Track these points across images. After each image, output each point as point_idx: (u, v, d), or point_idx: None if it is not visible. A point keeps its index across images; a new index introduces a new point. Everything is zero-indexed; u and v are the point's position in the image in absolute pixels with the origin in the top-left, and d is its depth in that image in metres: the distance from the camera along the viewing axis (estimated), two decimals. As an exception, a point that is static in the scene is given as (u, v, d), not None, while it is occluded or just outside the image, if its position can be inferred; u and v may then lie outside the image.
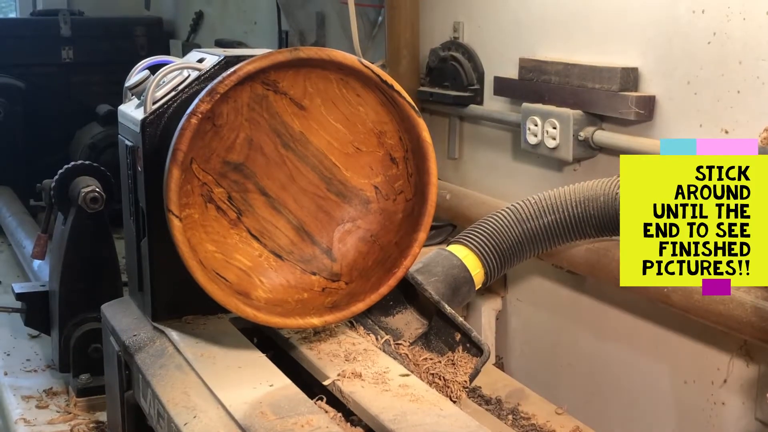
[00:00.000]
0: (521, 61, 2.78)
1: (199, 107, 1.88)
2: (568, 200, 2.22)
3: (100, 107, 5.05)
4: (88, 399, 2.91)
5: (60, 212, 3.03)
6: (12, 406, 2.91)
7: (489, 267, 2.22)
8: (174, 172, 1.88)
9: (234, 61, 2.01)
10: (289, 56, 1.93)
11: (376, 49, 3.57)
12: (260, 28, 4.85)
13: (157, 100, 2.10)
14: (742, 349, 2.24)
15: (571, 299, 2.79)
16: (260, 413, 1.72)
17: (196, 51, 2.29)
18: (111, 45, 5.53)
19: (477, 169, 3.16)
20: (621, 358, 2.63)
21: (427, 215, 2.04)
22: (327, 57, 1.95)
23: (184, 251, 1.90)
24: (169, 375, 1.95)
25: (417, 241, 2.04)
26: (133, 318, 2.23)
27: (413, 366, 2.03)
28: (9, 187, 4.97)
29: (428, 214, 2.04)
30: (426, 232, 2.04)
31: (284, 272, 2.05)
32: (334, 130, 2.06)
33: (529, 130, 2.70)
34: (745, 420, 2.26)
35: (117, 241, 2.91)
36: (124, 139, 2.24)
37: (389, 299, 2.12)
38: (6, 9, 6.82)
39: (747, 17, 2.12)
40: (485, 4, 3.02)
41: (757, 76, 2.11)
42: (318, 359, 1.96)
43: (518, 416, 2.44)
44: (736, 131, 2.17)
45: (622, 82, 2.42)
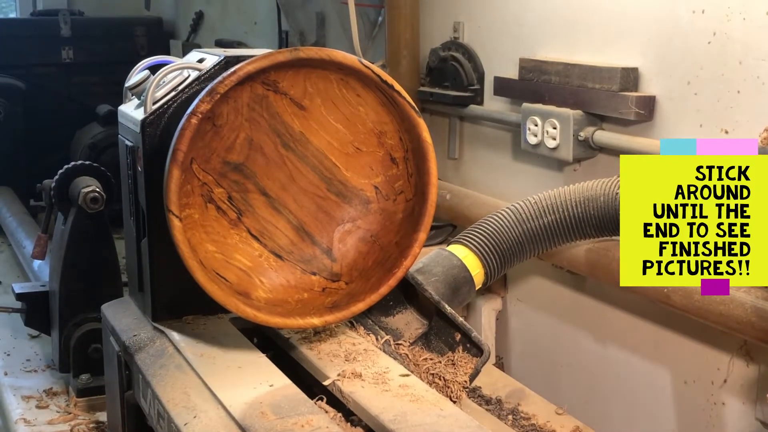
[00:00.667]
0: (521, 61, 2.78)
1: (199, 107, 1.88)
2: (568, 200, 2.22)
3: (100, 107, 5.05)
4: (88, 399, 2.91)
5: (60, 212, 3.03)
6: (12, 406, 2.91)
7: (489, 267, 2.22)
8: (174, 172, 1.88)
9: (234, 62, 2.01)
10: (289, 56, 1.93)
11: (376, 49, 3.57)
12: (260, 28, 4.85)
13: (157, 100, 2.10)
14: (742, 349, 2.24)
15: (571, 299, 2.79)
16: (260, 413, 1.72)
17: (196, 51, 2.29)
18: (111, 45, 5.52)
19: (477, 169, 3.16)
20: (621, 358, 2.63)
21: (428, 215, 2.04)
22: (327, 57, 1.95)
23: (184, 251, 1.90)
24: (169, 375, 1.95)
25: (417, 241, 2.04)
26: (133, 318, 2.23)
27: (413, 366, 2.03)
28: (9, 187, 4.97)
29: (428, 215, 2.04)
30: (426, 232, 2.04)
31: (284, 272, 2.05)
32: (335, 131, 2.06)
33: (529, 130, 2.71)
34: (745, 420, 2.26)
35: (117, 241, 2.91)
36: (124, 139, 2.24)
37: (389, 299, 2.12)
38: (6, 9, 6.82)
39: (747, 17, 2.12)
40: (485, 4, 3.02)
41: (757, 76, 2.11)
42: (318, 359, 1.96)
43: (518, 416, 2.44)
44: (736, 131, 2.17)
45: (622, 82, 2.42)
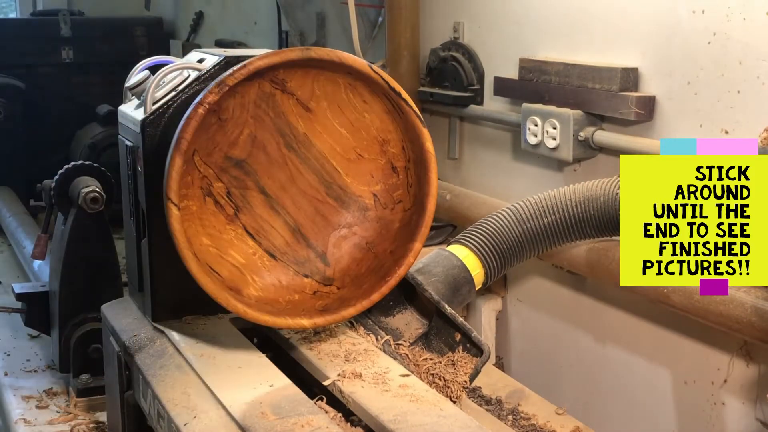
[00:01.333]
0: (521, 61, 2.78)
1: (207, 98, 1.87)
2: (568, 200, 2.22)
3: (100, 107, 5.05)
4: (88, 399, 2.90)
5: (60, 212, 3.03)
6: (12, 406, 2.91)
7: (489, 267, 2.22)
8: (176, 160, 1.87)
9: (234, 62, 2.01)
10: (300, 55, 1.92)
11: (376, 49, 3.57)
12: (260, 29, 4.85)
13: (157, 100, 2.10)
14: (742, 349, 2.24)
15: (571, 299, 2.79)
16: (260, 413, 1.72)
17: (196, 51, 2.29)
18: (111, 45, 5.52)
19: (477, 169, 3.16)
20: (621, 358, 2.63)
21: (425, 226, 2.03)
22: (338, 59, 1.94)
23: (180, 241, 1.89)
24: (169, 375, 1.95)
25: (412, 251, 2.03)
26: (133, 318, 2.23)
27: (413, 366, 2.03)
28: (9, 187, 4.97)
29: (426, 225, 2.03)
30: (422, 242, 2.03)
31: (277, 272, 2.05)
32: (338, 135, 2.06)
33: (529, 130, 2.70)
34: (745, 420, 2.26)
35: (117, 241, 2.91)
36: (124, 140, 2.24)
37: (389, 299, 2.12)
38: (6, 9, 6.82)
39: (747, 17, 2.12)
40: (485, 4, 3.03)
41: (757, 76, 2.11)
42: (318, 359, 1.96)
43: (518, 416, 2.44)
44: (736, 131, 2.17)
45: (622, 82, 2.42)
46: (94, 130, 5.04)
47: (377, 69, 1.98)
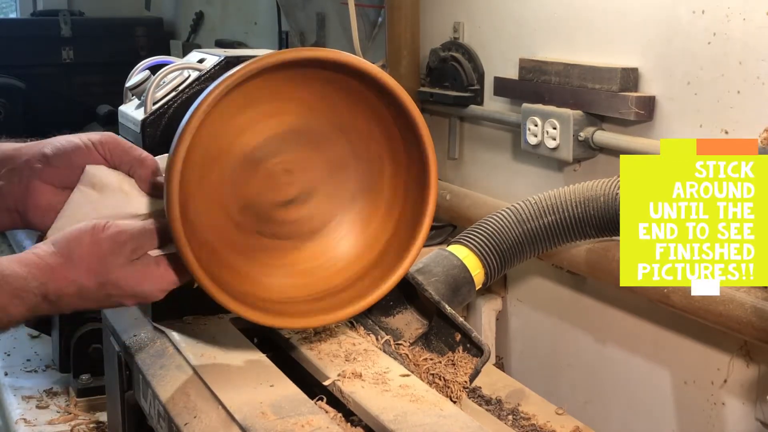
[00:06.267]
0: (521, 61, 2.78)
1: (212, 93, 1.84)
2: (569, 201, 2.22)
3: (100, 107, 5.05)
4: (88, 399, 2.91)
5: (60, 212, 3.02)
6: (12, 406, 2.91)
7: (489, 267, 2.22)
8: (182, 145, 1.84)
9: (234, 62, 2.00)
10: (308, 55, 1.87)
11: (376, 49, 3.57)
12: (260, 29, 4.85)
13: (157, 100, 2.10)
14: (742, 349, 2.24)
15: (571, 299, 2.79)
16: (261, 413, 1.72)
17: (197, 51, 2.29)
18: (111, 45, 5.52)
19: (477, 169, 3.16)
20: (621, 358, 2.63)
21: (425, 226, 2.03)
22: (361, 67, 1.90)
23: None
24: (169, 375, 1.95)
25: (412, 251, 2.02)
26: (133, 318, 2.23)
27: (413, 366, 2.03)
28: (9, 187, 4.96)
29: (426, 225, 2.02)
30: (422, 242, 2.02)
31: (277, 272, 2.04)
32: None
33: (529, 130, 2.70)
34: (745, 420, 2.26)
35: (117, 241, 2.90)
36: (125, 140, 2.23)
37: (389, 299, 2.12)
38: (6, 9, 6.82)
39: (747, 17, 2.12)
40: (485, 4, 3.03)
41: (757, 76, 2.11)
42: (318, 359, 1.96)
43: (518, 416, 2.44)
44: (736, 131, 2.17)
45: (622, 82, 2.42)
46: (94, 130, 5.04)
47: (379, 69, 1.98)
